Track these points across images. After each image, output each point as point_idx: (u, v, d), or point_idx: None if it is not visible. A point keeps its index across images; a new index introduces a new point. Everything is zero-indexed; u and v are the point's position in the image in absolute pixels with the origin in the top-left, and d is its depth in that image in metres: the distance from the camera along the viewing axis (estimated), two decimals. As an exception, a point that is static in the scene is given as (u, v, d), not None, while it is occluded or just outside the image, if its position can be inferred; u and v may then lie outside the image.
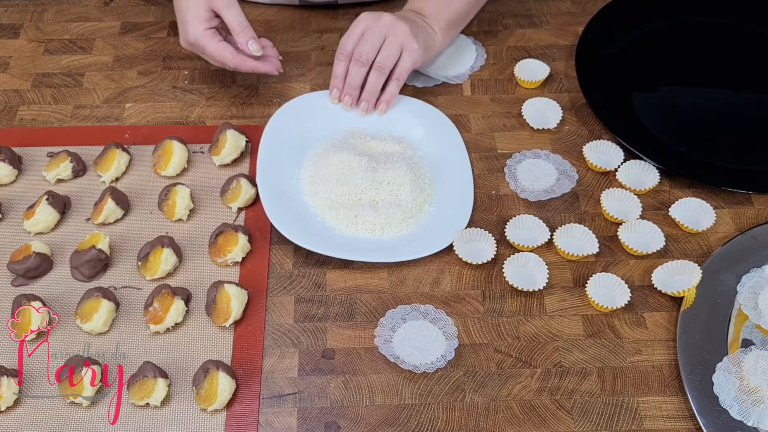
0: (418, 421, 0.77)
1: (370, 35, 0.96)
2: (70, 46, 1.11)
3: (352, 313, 0.85)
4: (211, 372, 0.77)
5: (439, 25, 1.02)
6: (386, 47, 0.96)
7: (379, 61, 0.96)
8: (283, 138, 0.96)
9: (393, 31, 0.95)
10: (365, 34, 0.96)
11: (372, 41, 0.95)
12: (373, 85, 0.98)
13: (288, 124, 0.97)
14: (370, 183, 0.91)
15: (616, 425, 0.77)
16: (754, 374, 0.77)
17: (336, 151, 0.94)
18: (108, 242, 0.88)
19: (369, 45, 0.95)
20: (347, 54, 0.97)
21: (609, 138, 0.99)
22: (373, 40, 0.95)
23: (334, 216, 0.90)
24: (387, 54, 0.96)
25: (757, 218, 0.93)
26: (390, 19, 0.96)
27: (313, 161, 0.95)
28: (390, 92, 0.99)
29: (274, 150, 0.94)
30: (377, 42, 0.95)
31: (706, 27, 1.13)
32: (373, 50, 0.96)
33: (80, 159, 0.95)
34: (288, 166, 0.94)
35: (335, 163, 0.93)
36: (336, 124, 0.99)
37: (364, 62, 0.96)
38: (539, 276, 0.86)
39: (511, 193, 0.95)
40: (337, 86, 0.99)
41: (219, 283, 0.83)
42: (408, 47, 0.96)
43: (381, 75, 0.97)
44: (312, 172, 0.94)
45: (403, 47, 0.96)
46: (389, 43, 0.95)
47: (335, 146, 0.96)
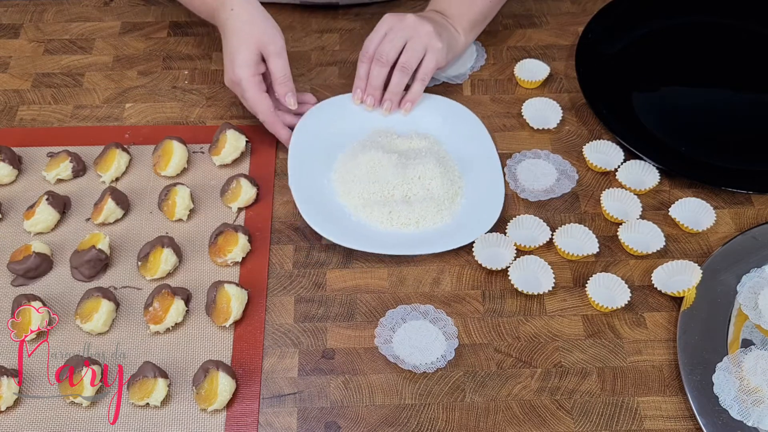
0: (418, 421, 0.77)
1: (392, 36, 0.96)
2: (70, 46, 1.11)
3: (352, 313, 0.85)
4: (211, 372, 0.77)
5: (462, 25, 1.02)
6: (410, 47, 0.96)
7: (403, 62, 0.96)
8: (311, 142, 0.96)
9: (417, 32, 0.96)
10: (387, 35, 0.97)
11: (394, 42, 0.96)
12: (397, 85, 0.98)
13: (315, 128, 0.98)
14: (401, 179, 0.92)
15: (616, 425, 0.77)
16: (754, 374, 0.77)
17: (364, 150, 0.95)
18: (108, 242, 0.88)
19: (390, 45, 0.96)
20: (370, 56, 0.97)
21: (609, 138, 0.99)
22: (395, 41, 0.96)
23: (369, 213, 0.91)
24: (411, 54, 0.96)
25: (757, 218, 0.93)
26: (414, 20, 0.96)
27: (343, 162, 0.96)
28: (414, 92, 0.99)
29: (304, 154, 0.95)
30: (399, 43, 0.96)
31: (706, 27, 1.13)
32: (394, 51, 0.96)
33: (80, 159, 0.95)
34: (318, 168, 0.95)
35: (365, 162, 0.94)
36: (362, 125, 1.00)
37: (385, 63, 0.96)
38: (545, 279, 0.86)
39: (511, 193, 0.95)
40: (360, 87, 0.99)
41: (219, 283, 0.83)
42: (432, 47, 0.96)
43: (404, 75, 0.97)
44: (342, 172, 0.95)
45: (427, 47, 0.96)
46: (413, 43, 0.96)
47: (363, 146, 0.96)
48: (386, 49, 0.96)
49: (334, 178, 0.95)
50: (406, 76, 0.97)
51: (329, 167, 0.96)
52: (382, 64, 0.96)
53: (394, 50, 0.96)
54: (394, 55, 0.96)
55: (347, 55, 1.10)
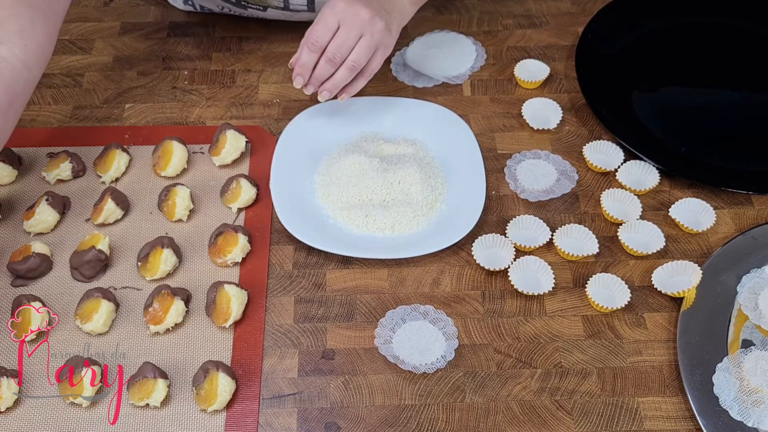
0: (418, 422, 0.77)
1: (346, 33, 0.91)
2: (70, 46, 1.11)
3: (351, 314, 0.85)
4: (211, 372, 0.77)
5: None
6: (362, 46, 0.91)
7: (354, 60, 0.92)
8: (298, 145, 0.97)
9: (371, 29, 0.91)
10: (341, 30, 0.91)
11: (348, 42, 0.91)
12: (342, 81, 0.93)
13: (303, 131, 0.98)
14: (380, 183, 0.92)
15: (616, 426, 0.77)
16: (755, 375, 0.77)
17: (348, 154, 0.95)
18: (108, 242, 0.87)
19: (346, 47, 0.91)
20: (320, 47, 0.91)
21: (609, 138, 0.99)
22: (349, 41, 0.91)
23: (346, 216, 0.91)
24: (362, 53, 0.91)
25: (757, 218, 0.93)
26: (367, 16, 0.91)
27: (327, 165, 0.96)
28: (356, 87, 0.95)
29: (289, 156, 0.95)
30: (353, 42, 0.91)
31: (706, 27, 1.12)
32: (347, 51, 0.91)
33: (80, 159, 0.95)
34: (302, 171, 0.95)
35: (347, 165, 0.94)
36: (349, 130, 1.00)
37: (337, 63, 0.92)
38: (545, 280, 0.86)
39: (511, 193, 0.95)
40: (303, 75, 0.93)
41: (219, 283, 0.83)
42: (384, 45, 0.93)
43: (352, 73, 0.93)
44: (325, 175, 0.95)
45: (378, 45, 0.92)
46: (366, 41, 0.91)
47: (348, 150, 0.97)
48: (342, 51, 0.91)
49: (317, 181, 0.95)
50: (354, 74, 0.93)
51: (314, 170, 0.96)
52: (333, 63, 0.92)
53: (347, 50, 0.91)
54: (346, 54, 0.91)
55: (347, 55, 1.10)
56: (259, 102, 1.05)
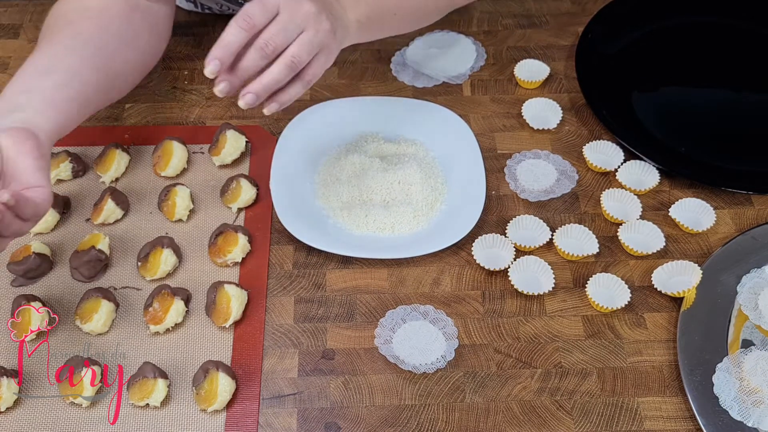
0: (418, 422, 0.77)
1: (286, 22, 0.75)
2: (70, 46, 1.11)
3: (351, 314, 0.85)
4: (211, 372, 0.77)
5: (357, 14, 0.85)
6: (306, 40, 0.76)
7: (293, 55, 0.76)
8: (298, 145, 0.96)
9: (314, 26, 0.77)
10: (281, 17, 0.75)
11: (288, 32, 0.75)
12: (276, 82, 0.76)
13: (302, 132, 0.98)
14: (381, 183, 0.92)
15: (616, 426, 0.77)
16: (755, 375, 0.77)
17: (348, 154, 0.95)
18: (108, 243, 0.88)
19: (284, 35, 0.75)
20: (252, 26, 0.74)
21: (609, 138, 0.99)
22: (287, 32, 0.75)
23: (346, 216, 0.91)
24: (304, 49, 0.76)
25: (757, 218, 0.93)
26: (313, 10, 0.77)
27: (327, 165, 0.96)
28: (293, 94, 0.79)
29: (289, 156, 0.95)
30: (293, 34, 0.76)
31: (706, 27, 1.12)
32: (284, 42, 0.75)
33: (80, 159, 0.95)
34: (302, 171, 0.95)
35: (347, 165, 0.94)
36: (349, 130, 1.00)
37: (270, 54, 0.75)
38: (545, 279, 0.86)
39: (511, 193, 0.95)
40: (221, 58, 0.73)
41: (219, 283, 0.83)
42: (327, 48, 0.79)
43: (291, 72, 0.77)
44: (325, 175, 0.95)
45: (322, 46, 0.78)
46: (307, 37, 0.76)
47: (348, 150, 0.97)
48: (276, 39, 0.74)
49: (317, 181, 0.95)
50: (291, 74, 0.77)
51: (314, 170, 0.96)
52: (265, 55, 0.75)
53: (284, 42, 0.75)
54: (283, 46, 0.75)
55: (347, 55, 1.10)
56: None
